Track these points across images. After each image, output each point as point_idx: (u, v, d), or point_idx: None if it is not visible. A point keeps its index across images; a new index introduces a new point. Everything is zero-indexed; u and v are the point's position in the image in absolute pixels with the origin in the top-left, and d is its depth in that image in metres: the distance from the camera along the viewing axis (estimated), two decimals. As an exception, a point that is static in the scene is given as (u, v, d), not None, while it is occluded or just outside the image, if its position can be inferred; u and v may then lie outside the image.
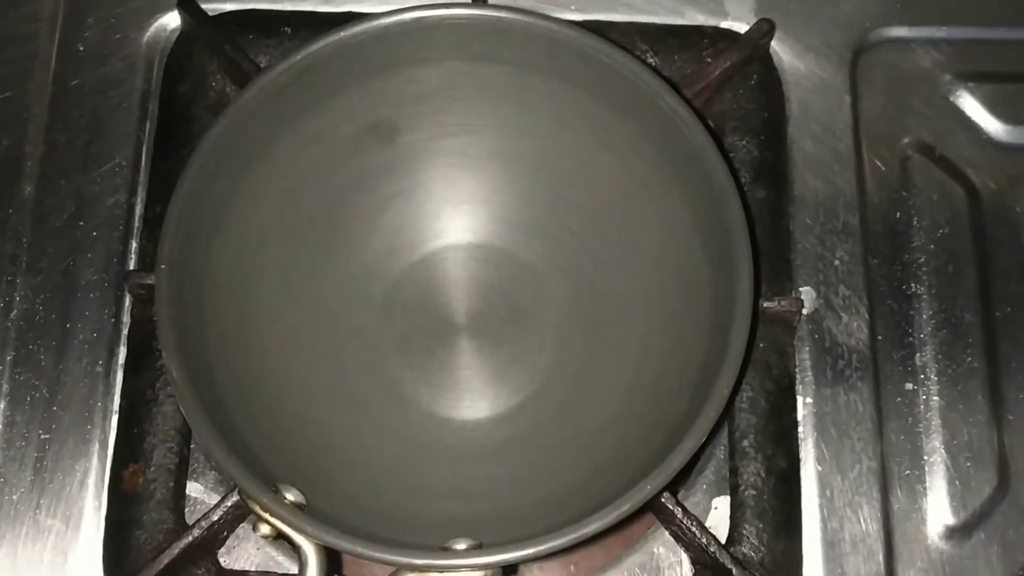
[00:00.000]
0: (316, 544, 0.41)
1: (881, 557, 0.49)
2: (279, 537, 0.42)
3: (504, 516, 0.46)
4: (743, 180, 0.53)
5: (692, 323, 0.47)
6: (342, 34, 0.47)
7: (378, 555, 0.40)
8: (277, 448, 0.45)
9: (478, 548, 0.41)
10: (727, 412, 0.49)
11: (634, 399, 0.48)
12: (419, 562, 0.40)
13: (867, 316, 0.52)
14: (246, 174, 0.48)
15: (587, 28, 0.48)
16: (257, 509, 0.41)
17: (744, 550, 0.49)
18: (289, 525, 0.41)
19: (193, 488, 0.50)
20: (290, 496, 0.42)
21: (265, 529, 0.42)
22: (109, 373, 0.51)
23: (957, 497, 0.50)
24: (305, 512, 0.41)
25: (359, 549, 0.40)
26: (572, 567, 0.51)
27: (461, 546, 0.41)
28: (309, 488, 0.43)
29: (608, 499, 0.41)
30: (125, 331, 0.51)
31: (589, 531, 0.40)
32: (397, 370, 0.51)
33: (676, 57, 0.56)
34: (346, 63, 0.48)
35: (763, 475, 0.50)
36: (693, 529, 0.47)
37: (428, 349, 0.52)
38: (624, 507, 0.40)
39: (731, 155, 0.54)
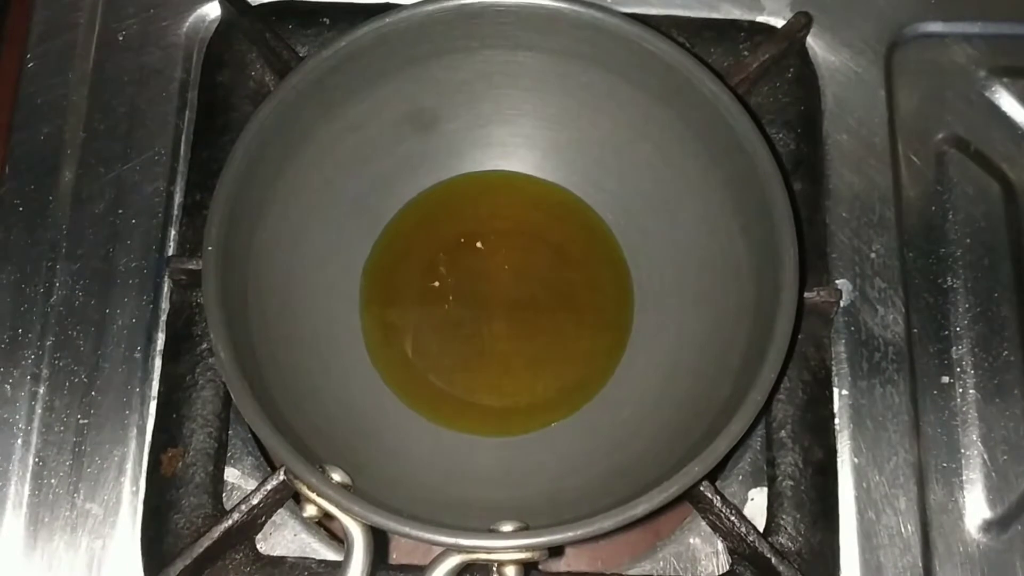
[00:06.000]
0: (363, 525, 0.41)
1: (918, 550, 0.48)
2: (324, 519, 0.42)
3: (547, 501, 0.46)
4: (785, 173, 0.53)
5: (732, 310, 0.47)
6: (386, 20, 0.47)
7: (426, 536, 0.40)
8: (319, 431, 0.45)
9: (525, 530, 0.41)
10: (765, 402, 0.49)
11: (674, 386, 0.48)
12: (467, 543, 0.40)
13: (903, 309, 0.52)
14: (288, 160, 0.48)
15: (623, 20, 0.48)
16: (304, 490, 0.41)
17: (781, 540, 0.48)
18: (337, 506, 0.41)
19: (231, 474, 0.50)
20: (336, 477, 0.42)
21: (311, 511, 0.42)
22: (147, 359, 0.51)
23: (994, 490, 0.50)
24: (352, 493, 0.41)
25: (407, 529, 0.40)
26: (600, 563, 0.50)
27: (508, 528, 0.41)
28: (352, 472, 0.43)
29: (653, 483, 0.41)
30: (164, 317, 0.51)
31: (638, 512, 0.40)
32: (437, 357, 0.51)
33: (712, 50, 0.56)
34: (388, 50, 0.48)
35: (800, 466, 0.49)
36: (732, 517, 0.47)
37: (467, 336, 0.52)
38: (672, 489, 0.40)
39: (768, 148, 0.54)
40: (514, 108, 0.52)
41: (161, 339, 0.51)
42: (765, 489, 0.50)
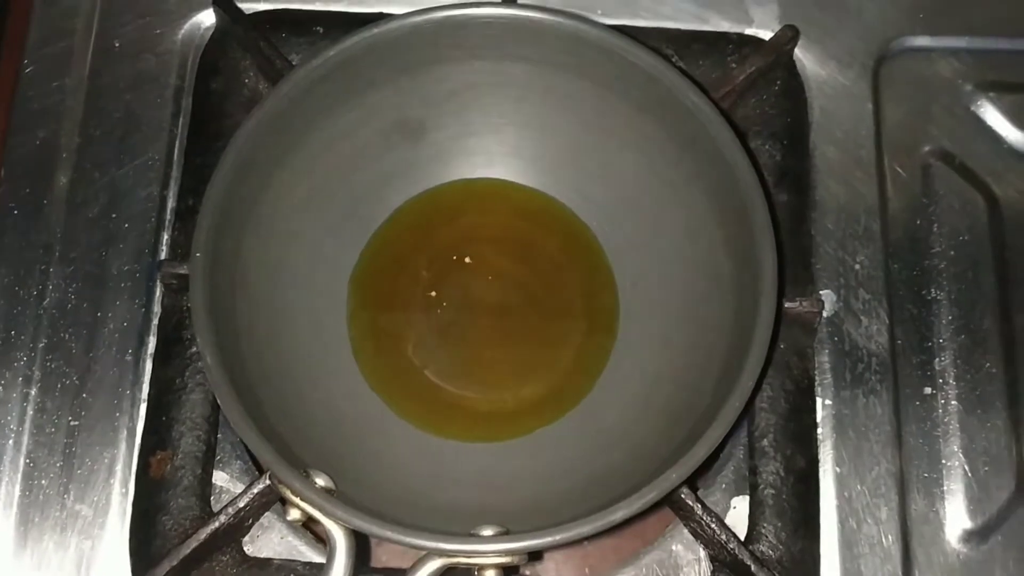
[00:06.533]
0: (345, 529, 0.42)
1: (898, 559, 0.49)
2: (308, 523, 0.43)
3: (529, 507, 0.46)
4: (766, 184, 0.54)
5: (714, 319, 0.47)
6: (374, 31, 0.48)
7: (407, 539, 0.40)
8: (305, 436, 0.46)
9: (505, 534, 0.41)
10: (747, 411, 0.50)
11: (656, 392, 0.49)
12: (448, 547, 0.40)
13: (887, 320, 0.53)
14: (278, 167, 0.49)
15: (612, 32, 0.49)
16: (288, 494, 0.42)
17: (763, 548, 0.49)
18: (319, 509, 0.41)
19: (219, 477, 0.50)
20: (320, 481, 0.42)
21: (295, 514, 0.42)
22: (138, 362, 0.51)
23: (975, 501, 0.50)
24: (335, 497, 0.42)
25: (388, 533, 0.40)
26: (587, 570, 0.51)
27: (488, 532, 0.41)
28: (336, 476, 0.43)
29: (633, 489, 0.41)
30: (155, 321, 0.52)
31: (616, 518, 0.40)
32: (423, 363, 0.52)
33: (700, 62, 0.56)
34: (377, 60, 0.49)
35: (782, 475, 0.50)
36: (713, 525, 0.47)
37: (453, 343, 0.52)
38: (651, 495, 0.41)
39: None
40: (501, 117, 0.52)
41: (152, 342, 0.52)
42: (747, 497, 0.50)
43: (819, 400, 0.51)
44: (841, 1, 0.58)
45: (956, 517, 0.50)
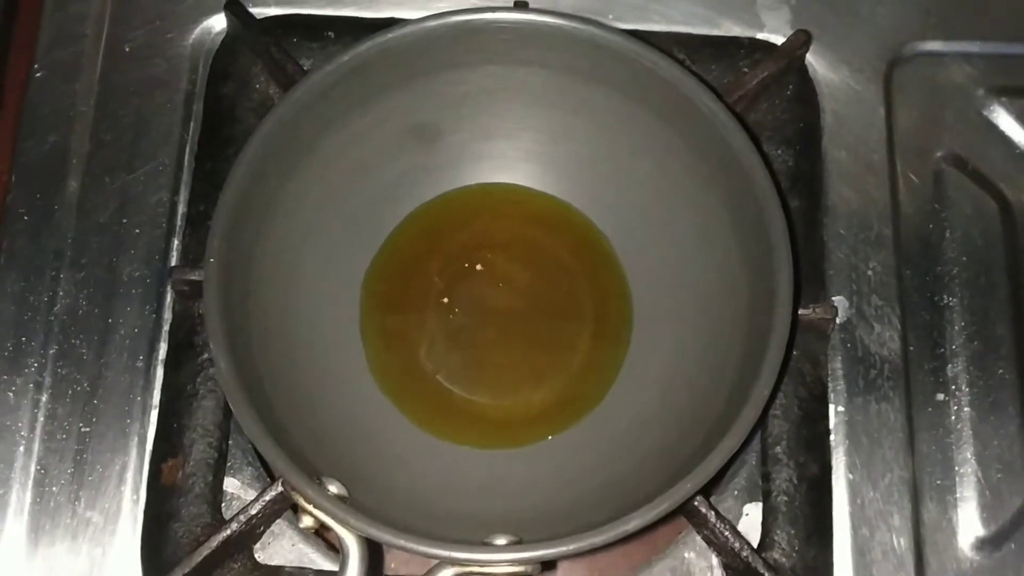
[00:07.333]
0: (358, 536, 0.42)
1: (911, 566, 0.49)
2: (320, 530, 0.43)
3: (541, 514, 0.46)
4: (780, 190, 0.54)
5: (728, 326, 0.47)
6: (388, 35, 0.48)
7: (420, 548, 0.40)
8: (318, 443, 0.46)
9: (518, 543, 0.41)
10: (760, 418, 0.49)
11: (670, 400, 0.49)
12: (460, 556, 0.40)
13: (899, 327, 0.52)
14: (292, 171, 0.49)
15: (625, 37, 0.49)
16: (301, 501, 0.42)
17: (776, 556, 0.49)
18: (333, 517, 0.41)
19: (230, 484, 0.50)
20: (333, 488, 0.42)
21: (308, 521, 0.42)
22: (149, 368, 0.51)
23: (988, 508, 0.50)
24: (348, 505, 0.42)
25: (402, 542, 0.40)
26: (596, 575, 0.51)
27: (501, 541, 0.41)
28: (348, 483, 0.43)
29: (646, 498, 0.41)
30: (166, 327, 0.52)
31: (630, 528, 0.40)
32: (435, 369, 0.52)
33: (713, 67, 0.56)
34: (391, 64, 0.49)
35: (795, 482, 0.50)
36: (726, 533, 0.47)
37: (466, 349, 0.52)
38: (664, 505, 0.41)
39: (766, 164, 0.54)
40: (515, 122, 0.52)
41: (163, 349, 0.51)
42: (760, 504, 0.50)
43: (832, 407, 0.51)
44: (853, 6, 0.58)
45: (969, 524, 0.50)
